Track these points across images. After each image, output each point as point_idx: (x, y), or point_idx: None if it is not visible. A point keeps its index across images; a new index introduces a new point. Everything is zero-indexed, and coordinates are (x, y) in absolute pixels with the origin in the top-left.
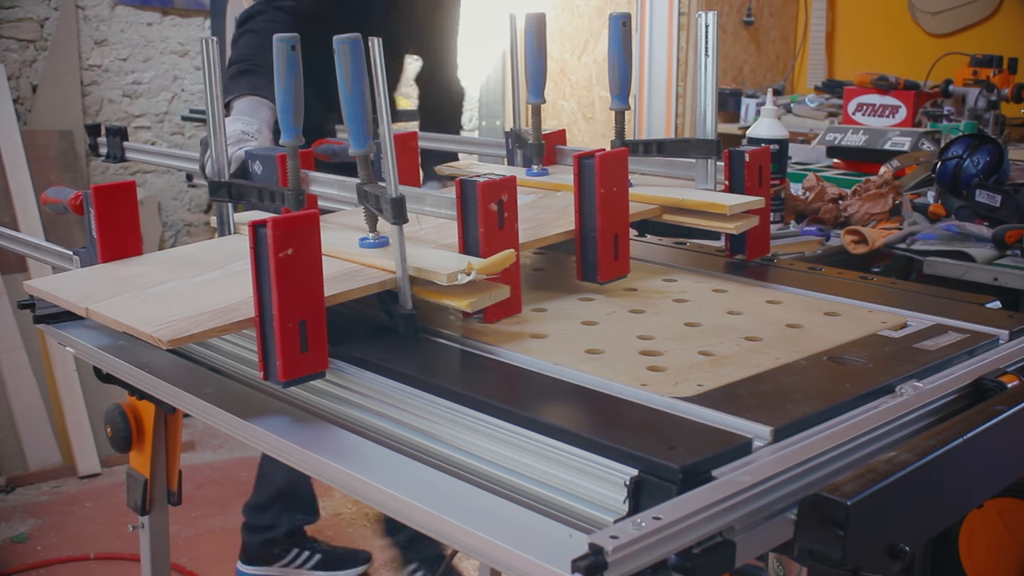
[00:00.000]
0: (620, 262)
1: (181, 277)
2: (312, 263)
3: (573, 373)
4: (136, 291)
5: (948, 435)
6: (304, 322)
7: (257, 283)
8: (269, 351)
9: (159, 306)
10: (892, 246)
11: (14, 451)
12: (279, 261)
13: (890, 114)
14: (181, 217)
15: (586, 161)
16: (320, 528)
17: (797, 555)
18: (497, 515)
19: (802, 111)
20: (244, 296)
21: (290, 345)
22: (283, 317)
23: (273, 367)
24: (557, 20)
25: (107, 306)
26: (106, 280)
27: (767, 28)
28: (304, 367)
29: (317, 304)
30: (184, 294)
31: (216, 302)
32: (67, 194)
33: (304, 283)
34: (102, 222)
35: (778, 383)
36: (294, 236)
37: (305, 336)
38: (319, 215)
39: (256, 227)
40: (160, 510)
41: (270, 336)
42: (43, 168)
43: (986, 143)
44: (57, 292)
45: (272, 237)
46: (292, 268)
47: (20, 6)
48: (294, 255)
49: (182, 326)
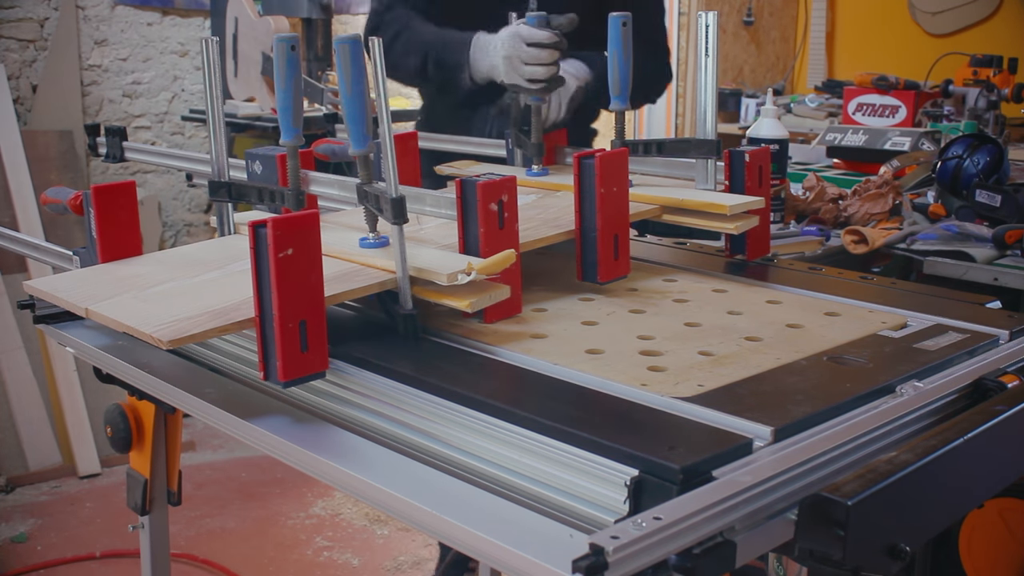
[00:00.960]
0: (620, 262)
1: (181, 277)
2: (312, 263)
3: (573, 373)
4: (136, 291)
5: (948, 435)
6: (304, 322)
7: (257, 283)
8: (269, 351)
9: (159, 306)
10: (892, 246)
11: (14, 451)
12: (279, 261)
13: (890, 114)
14: (181, 217)
15: (586, 161)
16: (320, 528)
17: (797, 555)
18: (497, 515)
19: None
20: (244, 296)
21: (290, 345)
22: (283, 317)
23: (273, 367)
24: None
25: (107, 306)
26: (106, 280)
27: (767, 28)
28: (304, 367)
29: (317, 304)
30: (184, 294)
31: (216, 302)
32: (67, 194)
33: (304, 283)
34: (102, 222)
35: (778, 383)
36: (294, 236)
37: (305, 336)
38: (319, 215)
39: (256, 227)
40: (160, 510)
41: (270, 336)
42: (43, 168)
43: (986, 143)
44: (57, 292)
45: (272, 237)
46: (292, 268)
47: (20, 6)
48: (294, 255)
49: (182, 326)
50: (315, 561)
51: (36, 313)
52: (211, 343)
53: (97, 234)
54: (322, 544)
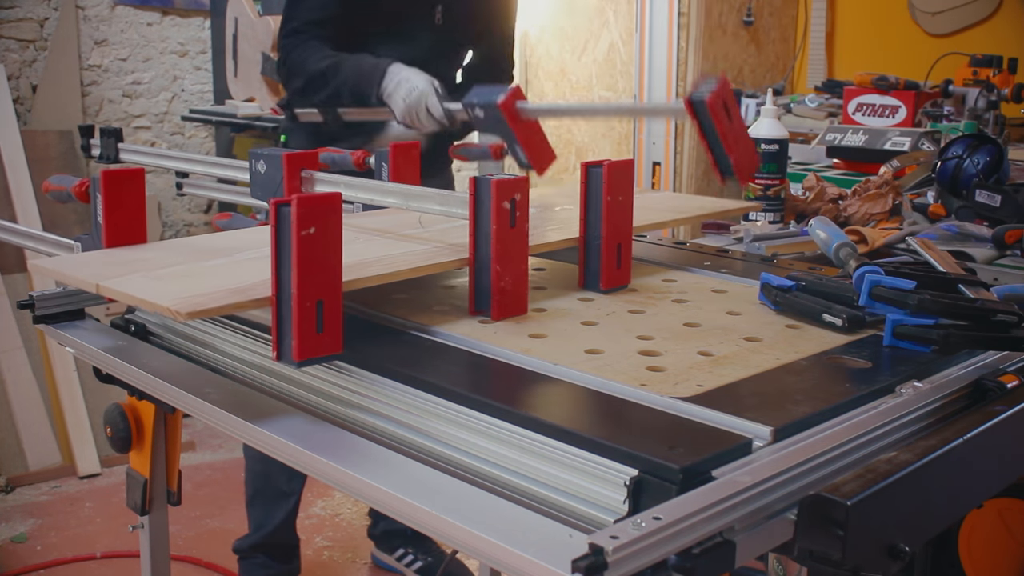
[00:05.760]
0: (622, 271)
1: (189, 262)
2: (333, 243)
3: (573, 373)
4: (146, 271)
5: (948, 435)
6: (321, 302)
7: (276, 261)
8: (284, 330)
9: (172, 284)
10: (892, 246)
11: (14, 451)
12: (301, 239)
13: (890, 114)
14: (181, 217)
15: (593, 170)
16: (320, 528)
17: (797, 555)
18: (497, 515)
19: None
20: (258, 278)
21: (307, 324)
22: (301, 295)
23: (288, 347)
24: (557, 20)
25: (119, 282)
26: (113, 262)
27: (767, 28)
28: (319, 348)
29: (335, 285)
30: (195, 275)
31: (230, 282)
32: (71, 182)
33: (324, 262)
34: (109, 207)
35: (778, 383)
36: (317, 215)
37: (322, 316)
38: (341, 196)
39: (279, 205)
40: (160, 510)
41: (286, 315)
42: (43, 168)
43: (986, 143)
44: (64, 270)
45: (296, 215)
46: (313, 247)
47: (20, 6)
48: (316, 234)
49: (200, 300)
50: (315, 561)
51: (36, 313)
52: (211, 343)
53: (104, 219)
54: (322, 544)
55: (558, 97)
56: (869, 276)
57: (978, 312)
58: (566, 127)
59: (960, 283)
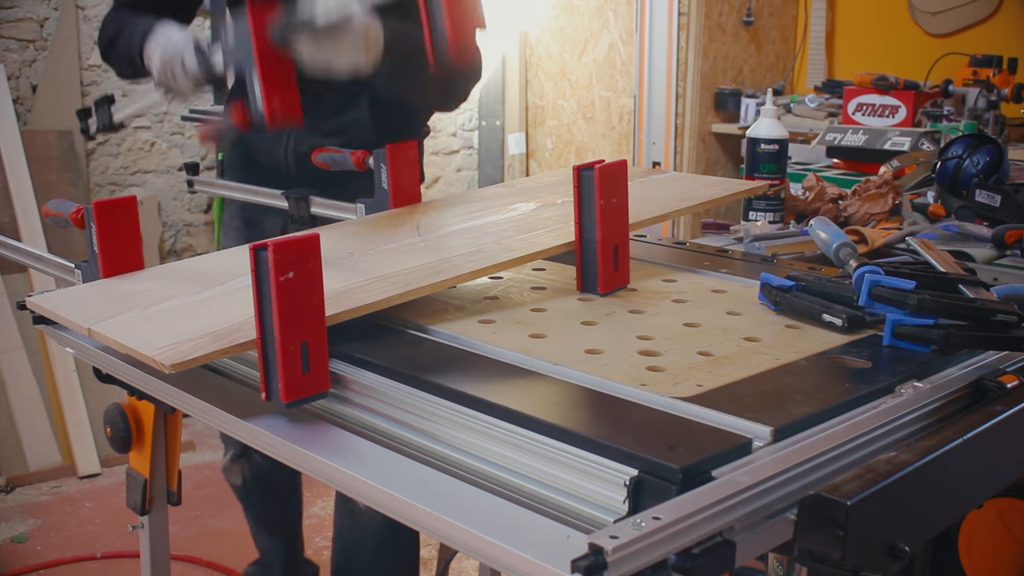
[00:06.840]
0: (620, 273)
1: (182, 294)
2: (313, 285)
3: (573, 373)
4: (138, 309)
5: (948, 435)
6: (306, 344)
7: (258, 306)
8: (271, 373)
9: (161, 326)
10: (892, 246)
11: (14, 451)
12: (280, 285)
13: (890, 114)
14: (181, 217)
15: (585, 173)
16: (320, 528)
17: (797, 555)
18: (497, 515)
19: (802, 111)
20: (245, 315)
21: (292, 368)
22: (284, 340)
23: (275, 389)
24: (557, 20)
25: (109, 326)
26: (107, 297)
27: (767, 28)
28: (306, 388)
29: (318, 326)
30: (186, 313)
31: (218, 322)
32: (68, 207)
33: (305, 305)
34: (103, 237)
35: (778, 383)
36: (295, 259)
37: (307, 358)
38: (319, 238)
39: (257, 250)
40: (160, 510)
41: (272, 359)
42: (43, 168)
43: (986, 143)
44: (59, 310)
45: (273, 261)
46: (293, 291)
47: (20, 6)
48: (295, 278)
49: (183, 349)
50: (315, 561)
51: (36, 313)
52: None
53: (99, 249)
54: (322, 544)
55: (558, 97)
56: (869, 276)
57: (978, 312)
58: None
59: (960, 283)
